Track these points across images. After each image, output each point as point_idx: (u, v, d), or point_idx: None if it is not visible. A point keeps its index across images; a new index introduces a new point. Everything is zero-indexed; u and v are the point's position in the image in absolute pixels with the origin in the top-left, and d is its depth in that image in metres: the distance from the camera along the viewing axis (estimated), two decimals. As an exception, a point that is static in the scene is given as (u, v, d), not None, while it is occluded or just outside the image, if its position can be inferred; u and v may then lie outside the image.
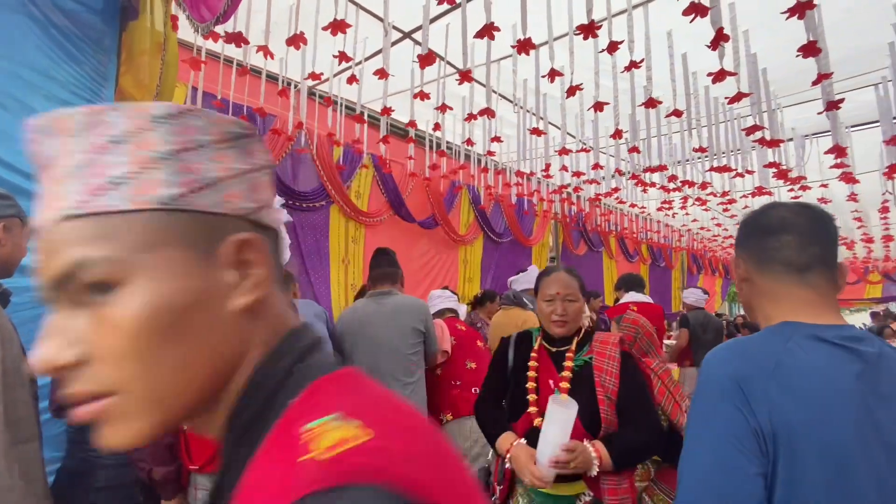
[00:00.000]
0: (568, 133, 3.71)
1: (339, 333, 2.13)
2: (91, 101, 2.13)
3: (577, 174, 3.42)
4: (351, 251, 3.94)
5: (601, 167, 3.16)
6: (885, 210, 5.29)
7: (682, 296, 4.75)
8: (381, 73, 2.25)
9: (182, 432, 1.31)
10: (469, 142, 2.93)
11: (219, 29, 1.87)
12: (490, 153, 3.29)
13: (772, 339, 0.79)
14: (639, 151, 2.83)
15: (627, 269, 7.47)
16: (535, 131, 2.65)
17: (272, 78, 2.91)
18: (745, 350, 0.80)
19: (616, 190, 4.00)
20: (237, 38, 1.76)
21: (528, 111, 3.06)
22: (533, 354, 1.51)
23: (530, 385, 1.43)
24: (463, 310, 3.27)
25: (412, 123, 2.69)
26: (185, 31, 2.27)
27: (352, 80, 2.44)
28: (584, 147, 2.97)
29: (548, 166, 3.37)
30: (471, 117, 2.58)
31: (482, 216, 5.23)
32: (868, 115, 3.84)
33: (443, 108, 2.44)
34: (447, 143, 3.77)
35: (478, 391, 2.37)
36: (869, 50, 2.91)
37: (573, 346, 1.49)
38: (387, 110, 2.54)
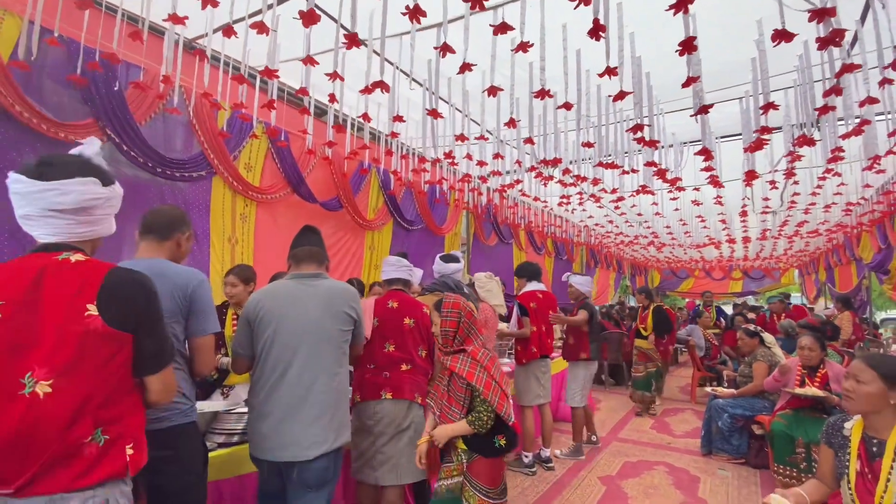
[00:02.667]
0: (472, 120, 3.70)
1: (253, 319, 1.81)
2: None
3: (481, 163, 3.42)
4: (240, 229, 3.58)
5: (501, 157, 3.18)
6: (744, 214, 6.07)
7: (573, 282, 4.28)
8: (262, 28, 2.00)
9: None
10: (366, 116, 2.77)
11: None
12: (393, 134, 3.15)
13: None
14: (533, 143, 2.88)
15: (535, 261, 7.82)
16: (433, 113, 2.56)
17: (134, 20, 2.49)
18: None
19: (518, 182, 4.09)
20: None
21: (431, 92, 2.97)
22: None
23: None
24: (418, 275, 3.18)
25: (303, 91, 2.45)
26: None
27: (228, 32, 2.15)
28: (483, 136, 2.96)
29: (448, 153, 3.32)
30: (366, 90, 2.42)
31: (392, 202, 5.08)
32: (734, 128, 4.35)
33: (334, 75, 2.25)
34: (350, 119, 3.56)
35: (388, 375, 2.27)
36: (736, 65, 3.24)
37: None
38: (271, 72, 2.29)
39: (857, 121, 2.84)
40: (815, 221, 6.85)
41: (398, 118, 2.57)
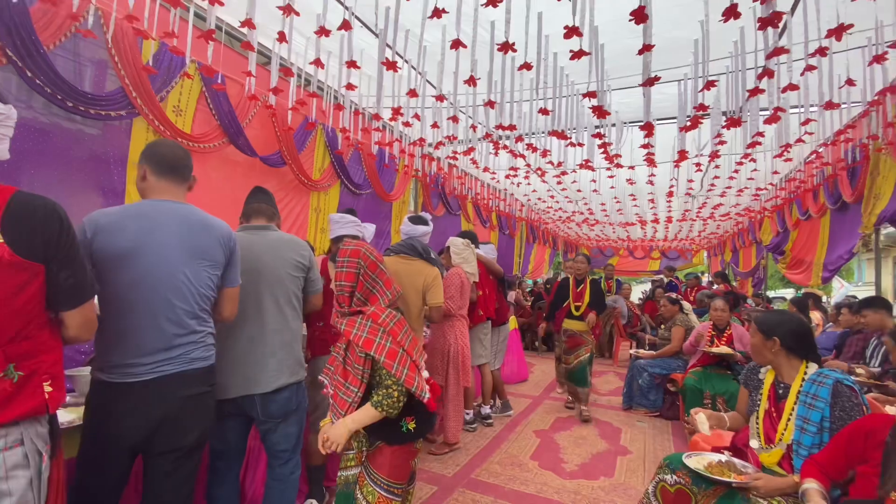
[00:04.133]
0: (428, 82, 3.61)
1: None
2: None
3: (435, 125, 3.35)
4: (166, 180, 3.24)
5: (457, 120, 3.14)
6: (670, 195, 6.57)
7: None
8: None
9: None
10: (318, 62, 2.59)
11: None
12: (350, 87, 2.99)
13: None
14: (493, 105, 2.87)
15: (481, 234, 7.94)
16: (389, 65, 2.46)
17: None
18: None
19: (471, 150, 4.09)
20: None
21: (388, 45, 2.84)
22: None
23: None
24: (370, 231, 3.05)
25: (249, 23, 2.22)
26: None
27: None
28: (441, 96, 2.90)
29: (397, 109, 3.20)
30: (323, 31, 2.26)
31: (339, 162, 4.86)
32: (668, 111, 4.63)
33: (286, 9, 2.06)
34: (297, 68, 3.32)
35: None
36: (679, 45, 3.42)
37: None
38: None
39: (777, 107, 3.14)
40: (728, 205, 7.58)
41: (352, 64, 2.42)
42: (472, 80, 2.51)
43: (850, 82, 2.67)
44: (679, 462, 1.80)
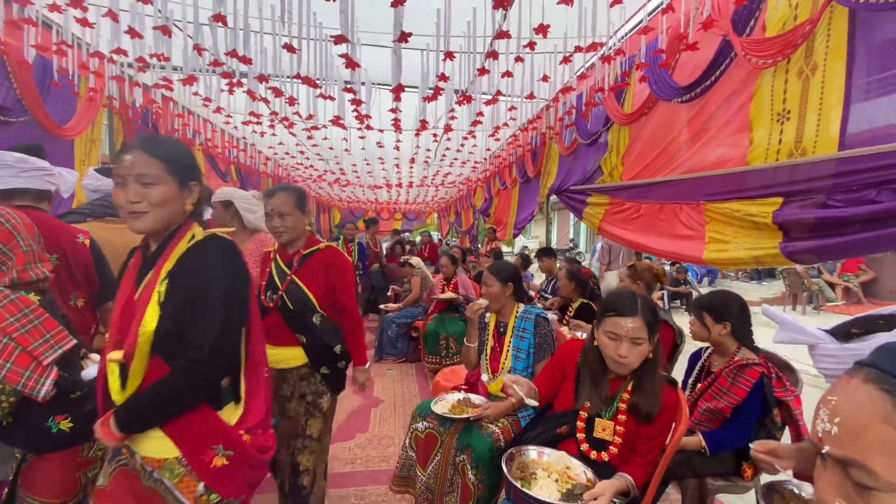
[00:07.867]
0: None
1: None
2: None
3: (134, 33, 2.46)
4: None
5: (168, 33, 2.39)
6: (412, 162, 7.14)
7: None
8: None
9: None
10: None
11: None
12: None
13: None
14: (226, 22, 2.29)
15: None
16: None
17: None
18: None
19: (193, 79, 3.25)
20: None
21: None
22: None
23: None
24: (70, 182, 1.97)
25: None
26: None
27: None
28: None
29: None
30: None
31: (-52, 66, 3.06)
32: (414, 80, 4.89)
33: None
34: None
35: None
36: (423, 14, 3.55)
37: None
38: None
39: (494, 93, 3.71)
40: (454, 174, 8.84)
41: None
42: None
43: (544, 79, 3.36)
44: (428, 409, 1.96)
